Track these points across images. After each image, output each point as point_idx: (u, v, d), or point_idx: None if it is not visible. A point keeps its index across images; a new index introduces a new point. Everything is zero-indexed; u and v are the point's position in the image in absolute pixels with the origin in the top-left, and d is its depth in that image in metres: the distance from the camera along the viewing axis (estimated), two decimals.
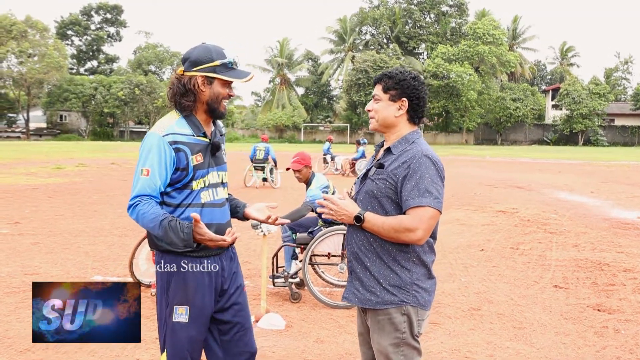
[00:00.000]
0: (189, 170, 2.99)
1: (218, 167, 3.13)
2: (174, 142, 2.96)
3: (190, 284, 3.03)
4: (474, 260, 8.59)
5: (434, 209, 2.74)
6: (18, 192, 16.43)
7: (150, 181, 2.92)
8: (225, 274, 3.16)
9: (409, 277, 2.84)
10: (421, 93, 2.96)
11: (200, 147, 3.04)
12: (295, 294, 6.46)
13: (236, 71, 3.06)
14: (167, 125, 3.02)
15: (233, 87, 3.11)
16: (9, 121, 79.32)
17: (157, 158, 2.93)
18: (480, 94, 71.65)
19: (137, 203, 2.91)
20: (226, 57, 3.04)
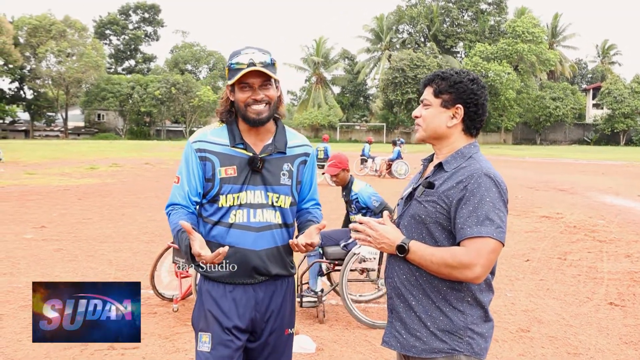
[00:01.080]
0: (215, 183, 2.70)
1: (265, 187, 2.73)
2: (201, 150, 2.72)
3: (208, 310, 2.72)
4: (519, 272, 8.03)
5: (495, 240, 2.24)
6: (49, 193, 16.31)
7: (180, 189, 2.75)
8: (260, 309, 2.75)
9: (462, 320, 2.34)
10: (480, 99, 2.45)
11: (235, 160, 2.71)
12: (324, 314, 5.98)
13: (237, 72, 2.65)
14: (200, 132, 2.81)
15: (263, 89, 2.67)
16: (48, 120, 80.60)
17: (185, 165, 2.75)
18: (519, 93, 70.40)
19: (170, 212, 2.76)
20: (232, 58, 2.68)
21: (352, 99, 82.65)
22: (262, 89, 2.66)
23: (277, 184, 2.76)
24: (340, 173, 6.28)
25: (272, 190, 2.74)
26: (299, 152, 2.88)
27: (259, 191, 2.72)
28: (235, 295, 2.70)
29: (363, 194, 6.16)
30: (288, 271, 2.85)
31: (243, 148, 2.73)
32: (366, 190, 6.21)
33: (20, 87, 77.09)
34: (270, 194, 2.74)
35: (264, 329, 2.76)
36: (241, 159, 2.71)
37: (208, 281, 2.75)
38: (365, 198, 6.14)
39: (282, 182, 2.78)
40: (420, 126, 2.52)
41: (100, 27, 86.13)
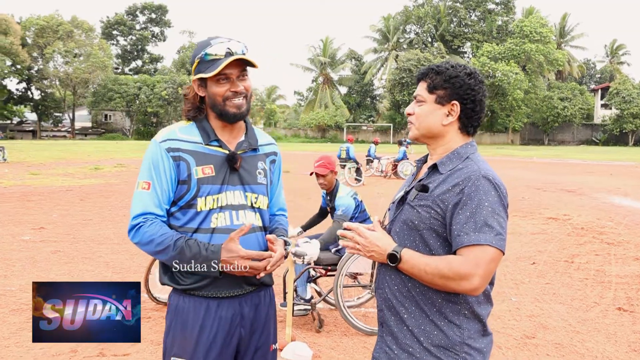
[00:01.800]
0: (192, 185, 2.42)
1: (244, 187, 2.51)
2: (173, 149, 2.44)
3: (188, 332, 2.44)
4: (524, 275, 7.82)
5: (495, 248, 2.04)
6: (51, 194, 16.18)
7: (153, 196, 2.42)
8: (245, 324, 2.51)
9: (458, 335, 2.15)
10: (478, 95, 2.25)
11: (211, 159, 2.47)
12: (321, 322, 5.78)
13: (215, 63, 2.39)
14: (168, 131, 2.51)
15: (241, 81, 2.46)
16: (55, 120, 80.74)
17: (154, 168, 2.44)
18: (526, 93, 69.99)
19: (141, 224, 2.38)
20: (203, 49, 2.42)
21: (358, 100, 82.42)
22: (241, 81, 2.45)
23: (254, 183, 2.55)
24: (328, 174, 6.04)
25: (250, 190, 2.53)
26: (269, 151, 2.69)
27: (238, 191, 2.50)
28: (221, 312, 2.45)
29: (339, 200, 5.96)
30: (271, 280, 2.66)
31: (218, 146, 2.50)
32: (345, 197, 6.00)
33: (28, 87, 77.30)
34: (249, 194, 2.53)
35: (248, 346, 2.54)
36: (217, 157, 2.48)
37: (187, 296, 2.46)
38: (338, 204, 5.94)
39: (259, 180, 2.57)
40: (413, 124, 2.33)
41: (107, 27, 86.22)
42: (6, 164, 27.13)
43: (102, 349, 5.03)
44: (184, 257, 2.34)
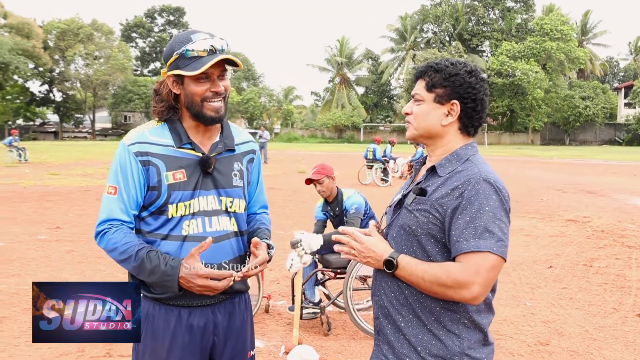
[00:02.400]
0: (162, 191, 2.31)
1: (218, 191, 2.39)
2: (141, 153, 2.31)
3: (160, 340, 2.35)
4: (540, 279, 7.68)
5: (496, 255, 1.95)
6: (69, 194, 16.29)
7: (119, 201, 2.31)
8: (218, 332, 2.42)
9: (457, 345, 2.06)
10: (479, 94, 2.16)
11: (183, 162, 2.35)
12: (329, 325, 5.69)
13: (198, 61, 2.26)
14: (137, 132, 2.38)
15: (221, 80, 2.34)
16: (76, 122, 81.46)
17: (122, 172, 2.32)
18: (547, 92, 69.28)
19: (106, 230, 2.30)
20: (184, 44, 2.28)
21: (375, 100, 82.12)
22: (220, 80, 2.33)
23: (229, 187, 2.43)
24: (324, 180, 5.92)
25: (225, 193, 2.42)
26: (246, 150, 2.57)
27: (212, 196, 2.39)
28: (193, 321, 2.36)
29: (349, 200, 5.87)
30: (246, 286, 2.56)
31: (191, 148, 2.37)
32: (355, 196, 5.91)
33: (50, 89, 78.04)
34: (223, 199, 2.41)
35: (222, 355, 2.45)
36: (190, 160, 2.36)
37: (157, 305, 2.37)
38: (348, 204, 5.85)
39: (235, 183, 2.45)
40: (411, 124, 2.24)
41: (126, 30, 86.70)
42: (27, 165, 27.41)
43: (109, 349, 5.02)
44: (144, 269, 2.24)
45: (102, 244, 2.32)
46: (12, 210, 12.98)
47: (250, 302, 2.64)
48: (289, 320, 5.88)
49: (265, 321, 5.92)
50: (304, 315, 5.77)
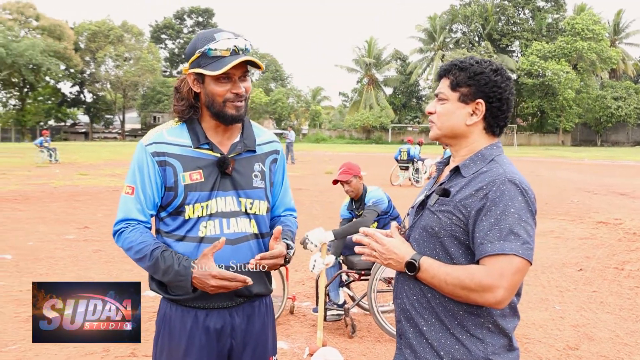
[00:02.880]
0: (178, 192, 2.29)
1: (237, 192, 2.36)
2: (158, 154, 2.30)
3: (176, 342, 2.34)
4: (570, 282, 7.54)
5: (521, 258, 1.89)
6: (98, 194, 16.46)
7: (135, 201, 2.32)
8: (236, 335, 2.39)
9: (481, 350, 2.00)
10: (505, 93, 2.09)
11: (200, 163, 2.32)
12: (354, 327, 5.65)
13: (220, 61, 2.23)
14: (155, 133, 2.37)
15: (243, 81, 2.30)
16: (107, 122, 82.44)
17: (139, 172, 2.32)
18: (578, 92, 68.37)
19: (123, 229, 2.30)
20: (207, 43, 2.25)
21: (404, 100, 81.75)
22: (242, 81, 2.30)
23: (249, 188, 2.39)
24: (352, 180, 5.88)
25: (244, 195, 2.38)
26: (269, 150, 2.52)
27: (230, 197, 2.35)
28: (209, 323, 2.33)
29: (369, 194, 5.82)
30: (268, 289, 2.50)
31: (209, 149, 2.35)
32: (376, 191, 5.86)
33: (81, 90, 79.10)
34: (243, 200, 2.37)
35: (241, 359, 2.41)
36: (207, 161, 2.33)
37: (174, 306, 2.36)
38: (367, 199, 5.80)
39: (255, 184, 2.41)
40: (434, 123, 2.18)
41: (156, 31, 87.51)
42: (58, 165, 27.77)
43: (134, 349, 5.04)
44: (158, 268, 2.23)
45: (119, 242, 2.33)
46: (42, 210, 13.15)
47: (272, 306, 2.60)
48: (313, 321, 5.85)
49: (290, 322, 5.89)
50: (328, 317, 5.73)
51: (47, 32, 70.55)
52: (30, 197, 15.41)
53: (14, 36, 67.52)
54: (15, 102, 73.28)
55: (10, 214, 12.54)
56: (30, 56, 62.40)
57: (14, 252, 8.70)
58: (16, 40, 65.78)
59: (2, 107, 73.42)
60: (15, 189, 17.20)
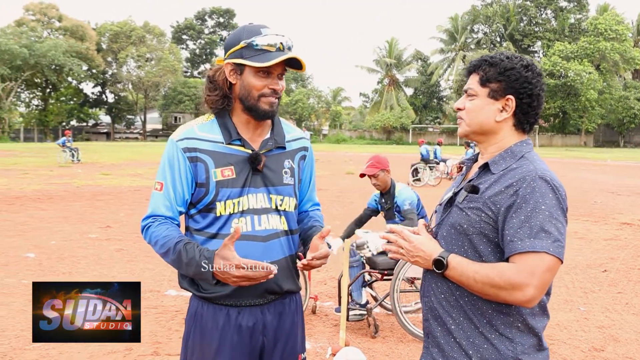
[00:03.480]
0: (210, 188, 2.27)
1: (268, 189, 2.34)
2: (190, 149, 2.28)
3: (207, 340, 2.32)
4: (595, 283, 7.45)
5: (552, 256, 1.85)
6: (120, 194, 16.57)
7: (164, 198, 2.30)
8: (268, 333, 2.37)
9: (510, 349, 1.96)
10: (536, 89, 2.05)
11: (232, 159, 2.30)
12: (377, 327, 5.61)
13: (265, 54, 2.22)
14: (186, 128, 2.35)
15: (280, 79, 2.30)
16: (128, 122, 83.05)
17: (170, 169, 2.30)
18: (600, 93, 67.67)
19: (150, 224, 2.29)
20: (254, 36, 2.23)
21: (424, 101, 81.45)
22: (279, 79, 2.30)
23: (280, 184, 2.37)
24: (379, 174, 5.86)
25: (275, 191, 2.36)
26: (298, 147, 2.50)
27: (261, 194, 2.33)
28: (241, 320, 2.31)
29: (400, 196, 5.78)
30: (297, 286, 2.49)
31: (240, 145, 2.32)
32: (407, 190, 5.83)
33: (103, 91, 79.77)
34: (273, 196, 2.35)
35: (272, 356, 2.39)
36: (239, 157, 2.30)
37: (205, 303, 2.34)
38: (400, 200, 5.76)
39: (285, 181, 2.39)
40: (463, 120, 2.14)
41: (177, 32, 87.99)
42: (80, 165, 28.00)
43: (157, 348, 5.06)
44: (181, 261, 2.19)
45: (146, 238, 2.32)
46: (65, 210, 13.27)
47: (302, 303, 2.58)
48: (335, 321, 5.83)
49: (312, 322, 5.88)
50: (351, 317, 5.70)
51: (69, 32, 71.24)
52: (53, 196, 15.56)
53: (36, 37, 68.23)
54: (38, 103, 74.02)
55: (34, 213, 12.67)
56: (53, 57, 62.98)
57: (37, 251, 8.77)
58: (39, 41, 66.43)
59: (25, 107, 74.17)
60: (38, 188, 17.38)
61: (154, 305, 6.23)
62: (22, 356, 4.84)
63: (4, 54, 60.28)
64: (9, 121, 63.99)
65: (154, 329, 5.52)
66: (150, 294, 6.66)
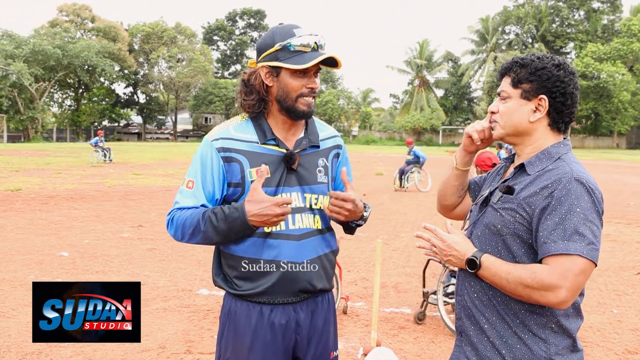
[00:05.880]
0: (245, 188, 2.30)
1: (302, 188, 2.37)
2: (225, 149, 2.32)
3: (240, 337, 2.35)
4: (628, 286, 7.37)
5: (586, 259, 1.85)
6: (151, 193, 16.74)
7: (193, 196, 2.33)
8: (301, 331, 2.39)
9: (544, 350, 1.97)
10: (569, 87, 2.05)
11: (267, 159, 2.33)
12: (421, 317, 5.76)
13: (301, 55, 2.25)
14: (221, 129, 2.39)
15: (316, 77, 2.33)
16: (159, 123, 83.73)
17: (202, 167, 2.34)
18: (634, 94, 66.53)
19: (175, 214, 2.33)
20: (288, 38, 2.26)
21: (455, 102, 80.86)
22: (315, 77, 2.33)
23: (314, 183, 2.39)
24: None
25: (309, 190, 2.38)
26: (331, 145, 2.52)
27: (296, 193, 2.35)
28: (274, 318, 2.34)
29: None
30: (331, 285, 2.52)
31: (275, 144, 2.36)
32: None
33: (134, 91, 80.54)
34: (307, 195, 2.38)
35: (306, 354, 2.42)
36: (274, 157, 2.34)
37: (239, 301, 2.37)
38: None
39: (319, 180, 2.41)
40: (497, 123, 2.15)
41: (208, 33, 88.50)
42: (112, 165, 28.31)
43: (189, 347, 5.11)
44: (212, 226, 2.22)
45: (172, 228, 2.34)
46: (97, 209, 13.45)
47: (334, 302, 2.61)
48: (367, 321, 5.85)
49: (344, 322, 5.90)
50: (432, 299, 5.82)
51: (102, 33, 72.09)
52: (86, 195, 15.77)
53: (70, 38, 69.15)
54: (71, 103, 74.93)
55: (67, 212, 12.86)
56: (86, 57, 63.71)
57: (70, 250, 8.92)
58: (72, 41, 67.30)
59: (58, 107, 75.17)
60: (71, 187, 17.63)
61: (186, 305, 6.31)
62: (57, 353, 4.93)
63: (37, 54, 61.16)
64: (42, 121, 64.87)
65: (187, 328, 5.59)
66: (183, 293, 6.74)
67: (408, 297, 6.80)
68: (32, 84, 60.46)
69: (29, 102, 62.25)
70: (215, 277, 2.43)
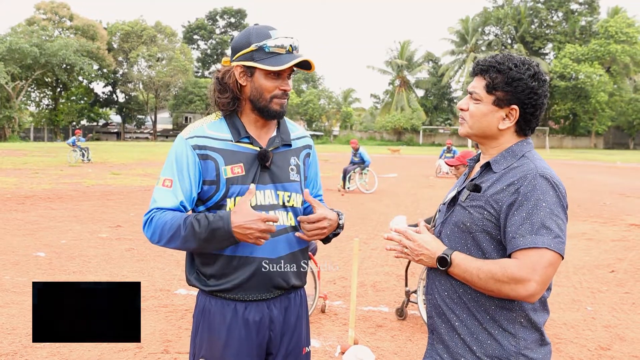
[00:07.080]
0: (220, 185, 2.31)
1: (275, 185, 2.39)
2: (200, 147, 2.33)
3: (216, 335, 2.36)
4: (602, 283, 7.47)
5: (553, 252, 1.90)
6: (130, 193, 16.66)
7: (172, 194, 2.30)
8: (274, 327, 2.42)
9: (513, 345, 2.01)
10: (540, 99, 2.09)
11: (241, 156, 2.35)
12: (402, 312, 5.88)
13: (277, 57, 2.28)
14: (195, 127, 2.40)
15: (289, 79, 2.36)
16: (138, 122, 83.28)
17: (177, 165, 2.32)
18: (611, 95, 67.42)
19: (154, 215, 2.29)
20: (264, 39, 2.28)
21: (435, 102, 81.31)
22: (288, 79, 2.36)
23: (287, 181, 2.42)
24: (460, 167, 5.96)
25: (282, 188, 2.40)
26: (302, 145, 2.56)
27: (269, 190, 2.37)
28: (249, 315, 2.35)
29: None
30: (302, 282, 2.54)
31: (249, 142, 2.38)
32: None
33: (113, 90, 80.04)
34: (280, 193, 2.40)
35: (279, 350, 2.44)
36: (248, 154, 2.36)
37: (213, 298, 2.38)
38: None
39: (292, 178, 2.44)
40: (465, 121, 2.19)
41: (188, 32, 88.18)
42: (90, 164, 28.11)
43: (167, 346, 5.10)
44: (194, 233, 2.19)
45: (150, 230, 2.29)
46: (75, 209, 13.34)
47: (306, 298, 2.63)
48: (344, 320, 5.88)
49: (322, 321, 5.93)
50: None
51: (80, 32, 71.52)
52: (64, 196, 15.64)
53: (47, 36, 68.49)
54: (49, 102, 74.25)
55: (44, 212, 12.74)
56: (64, 56, 63.11)
57: (47, 250, 8.85)
58: (50, 40, 66.64)
59: (35, 106, 74.45)
60: (48, 187, 17.48)
61: (164, 304, 6.29)
62: (33, 354, 4.90)
63: (14, 53, 60.45)
64: (19, 120, 64.19)
65: (164, 328, 5.58)
66: (161, 292, 6.73)
67: (386, 295, 6.85)
68: (8, 83, 59.84)
69: (6, 101, 61.60)
70: (189, 275, 2.45)
